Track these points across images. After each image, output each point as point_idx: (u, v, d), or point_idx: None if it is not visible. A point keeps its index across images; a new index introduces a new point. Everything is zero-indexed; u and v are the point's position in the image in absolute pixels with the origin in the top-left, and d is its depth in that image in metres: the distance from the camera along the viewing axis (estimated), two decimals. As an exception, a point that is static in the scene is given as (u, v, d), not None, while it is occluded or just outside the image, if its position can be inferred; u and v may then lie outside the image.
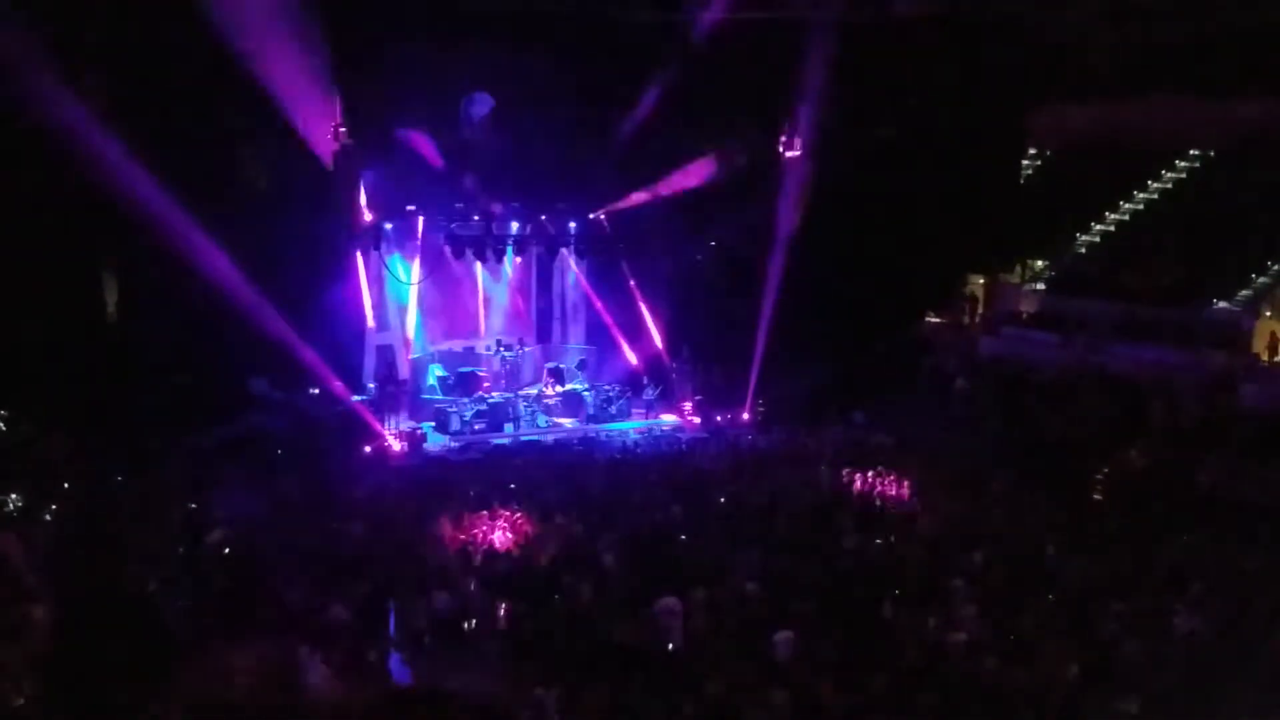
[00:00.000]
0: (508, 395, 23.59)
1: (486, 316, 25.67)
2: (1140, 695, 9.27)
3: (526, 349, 25.37)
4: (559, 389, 24.11)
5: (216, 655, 7.28)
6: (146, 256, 18.09)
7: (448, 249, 23.35)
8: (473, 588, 12.27)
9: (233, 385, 19.76)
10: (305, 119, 19.70)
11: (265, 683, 6.27)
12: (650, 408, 24.37)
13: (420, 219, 23.10)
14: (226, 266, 17.99)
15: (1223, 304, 23.05)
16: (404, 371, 23.14)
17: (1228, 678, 9.79)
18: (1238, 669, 9.89)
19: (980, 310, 27.33)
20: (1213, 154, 26.20)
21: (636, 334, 25.64)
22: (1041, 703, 9.28)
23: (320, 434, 20.02)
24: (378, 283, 22.98)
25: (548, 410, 23.65)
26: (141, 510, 14.01)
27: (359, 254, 22.11)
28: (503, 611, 11.62)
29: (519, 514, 15.16)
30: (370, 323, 22.81)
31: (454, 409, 22.64)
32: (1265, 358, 21.65)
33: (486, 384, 23.98)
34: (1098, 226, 27.22)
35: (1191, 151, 26.56)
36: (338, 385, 20.87)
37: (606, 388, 24.57)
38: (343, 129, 20.50)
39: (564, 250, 25.06)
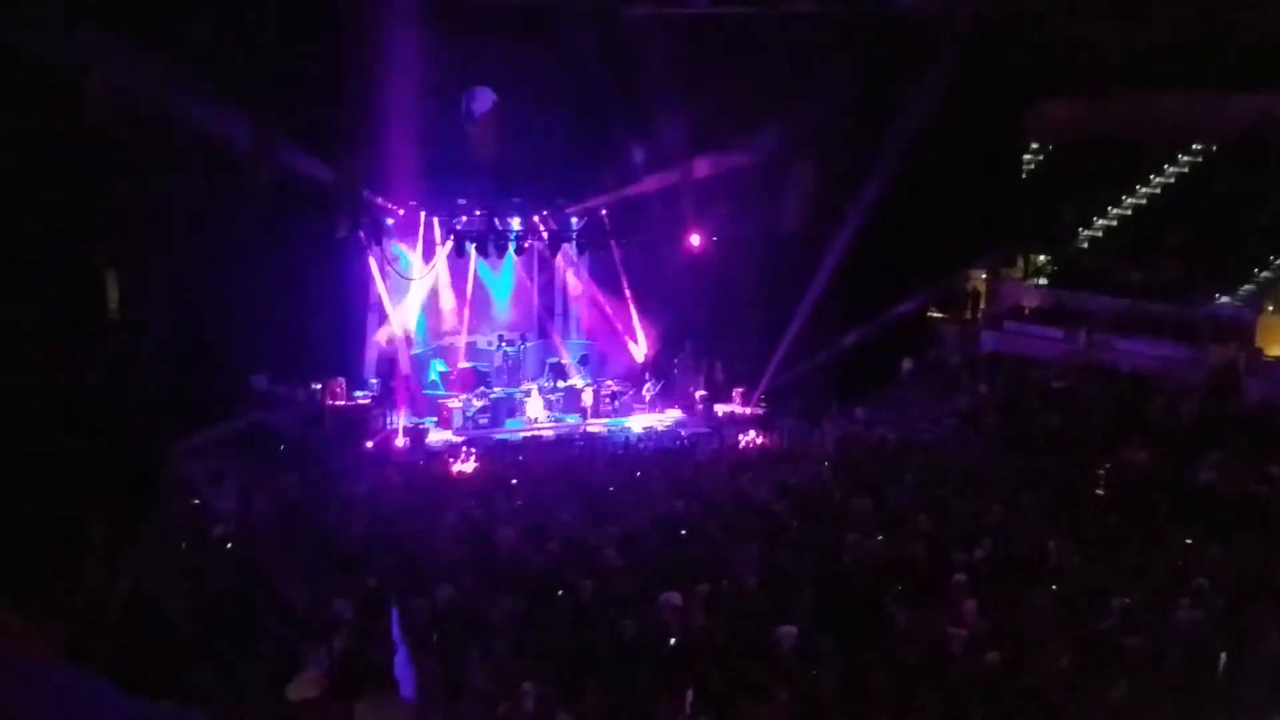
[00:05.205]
0: (510, 390, 23.63)
1: (484, 312, 25.52)
2: (1133, 686, 9.29)
3: (528, 344, 25.36)
4: (561, 384, 24.15)
5: None
6: (148, 252, 18.12)
7: (450, 244, 23.37)
8: (475, 583, 12.28)
9: (234, 381, 19.78)
10: (309, 114, 19.72)
11: None
12: (652, 403, 24.39)
13: (422, 213, 23.12)
14: (229, 262, 18.02)
15: (1225, 299, 23.01)
16: (405, 366, 23.15)
17: (1228, 674, 9.80)
18: (1238, 665, 9.89)
19: (982, 305, 27.32)
20: (1215, 148, 26.15)
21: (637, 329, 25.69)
22: (1042, 698, 9.29)
23: (322, 429, 20.04)
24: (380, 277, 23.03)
25: (550, 405, 23.67)
26: (143, 508, 14.00)
27: (369, 250, 22.19)
28: (505, 607, 11.63)
29: None
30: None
31: (456, 404, 22.65)
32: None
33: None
34: (1100, 221, 27.19)
35: (1194, 146, 26.52)
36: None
37: (608, 383, 24.58)
38: (346, 123, 20.53)
39: (565, 245, 25.06)
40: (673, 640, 10.51)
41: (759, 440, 21.71)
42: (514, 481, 17.03)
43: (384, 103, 20.41)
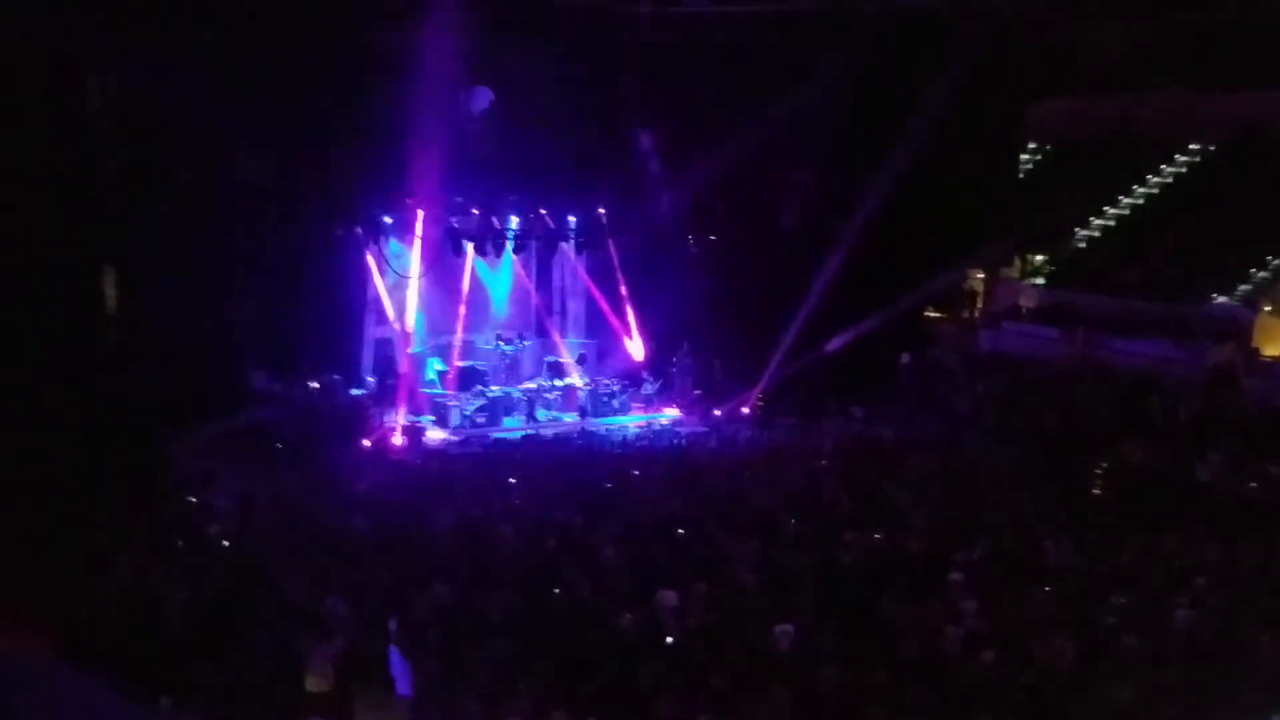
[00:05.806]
0: (508, 389, 23.60)
1: (481, 311, 25.43)
2: (1134, 686, 9.29)
3: (526, 343, 25.31)
4: (557, 383, 24.13)
5: None
6: (148, 248, 18.09)
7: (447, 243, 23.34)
8: (473, 581, 12.27)
9: (233, 378, 19.76)
10: (308, 112, 19.72)
11: None
12: (650, 402, 24.37)
13: (419, 212, 23.07)
14: (228, 260, 18.02)
15: (1222, 299, 23.02)
16: (403, 365, 23.10)
17: (1226, 672, 9.80)
18: (1236, 664, 9.89)
19: (980, 305, 27.32)
20: (1213, 148, 26.16)
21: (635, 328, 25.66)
22: (1039, 696, 9.29)
23: (321, 427, 20.02)
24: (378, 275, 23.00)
25: (548, 404, 23.65)
26: (141, 504, 13.98)
27: (367, 248, 22.17)
28: (502, 605, 11.62)
29: None
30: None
31: (454, 403, 22.61)
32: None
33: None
34: (1097, 221, 27.19)
35: (1191, 146, 26.52)
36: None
37: (606, 382, 24.55)
38: (345, 121, 20.50)
39: (563, 244, 25.03)
40: (670, 638, 10.51)
41: (757, 439, 21.69)
42: (512, 480, 17.02)
43: (383, 101, 20.38)
